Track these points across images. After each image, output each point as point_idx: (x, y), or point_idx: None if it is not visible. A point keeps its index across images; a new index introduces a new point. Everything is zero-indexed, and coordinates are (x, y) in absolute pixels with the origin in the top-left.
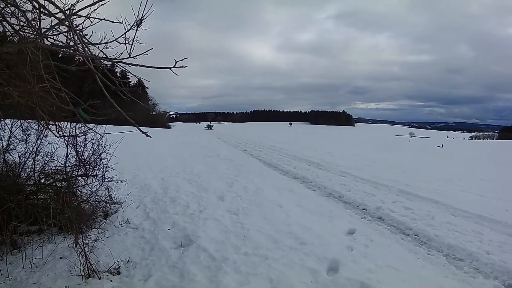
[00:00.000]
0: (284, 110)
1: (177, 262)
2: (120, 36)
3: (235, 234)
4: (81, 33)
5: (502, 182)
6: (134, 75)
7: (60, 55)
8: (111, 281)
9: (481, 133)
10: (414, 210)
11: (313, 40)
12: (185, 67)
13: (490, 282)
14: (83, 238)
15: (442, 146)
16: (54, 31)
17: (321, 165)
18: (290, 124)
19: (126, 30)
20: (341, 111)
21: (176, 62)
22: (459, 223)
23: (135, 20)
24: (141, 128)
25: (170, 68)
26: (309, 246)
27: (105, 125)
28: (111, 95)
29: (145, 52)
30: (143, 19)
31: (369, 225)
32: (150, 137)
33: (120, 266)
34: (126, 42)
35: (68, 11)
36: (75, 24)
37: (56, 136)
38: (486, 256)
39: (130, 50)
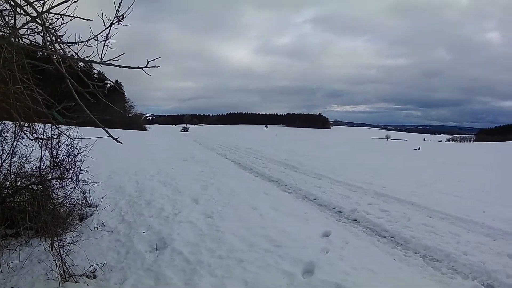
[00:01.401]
0: (260, 113)
1: (152, 266)
2: (98, 34)
3: (210, 237)
4: (56, 33)
5: (479, 183)
6: (108, 79)
7: (38, 56)
8: (87, 284)
9: (458, 135)
10: (390, 212)
11: (291, 44)
12: (157, 67)
13: (469, 283)
14: (59, 241)
15: (419, 149)
16: (30, 31)
17: (296, 168)
18: (266, 126)
19: (105, 27)
20: (317, 114)
21: (148, 62)
22: (436, 224)
23: (114, 17)
24: (118, 130)
25: (142, 68)
26: (284, 249)
27: (80, 127)
28: (86, 97)
29: (119, 55)
30: (122, 17)
31: (345, 227)
32: (121, 143)
33: (96, 270)
34: (104, 40)
35: (41, 8)
36: (49, 23)
37: (29, 138)
38: (464, 257)
39: (102, 53)
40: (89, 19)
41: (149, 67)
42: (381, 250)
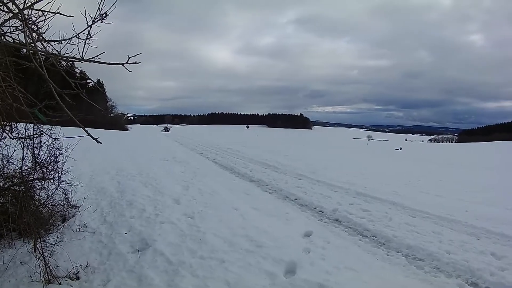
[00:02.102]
0: (242, 113)
1: (135, 267)
2: (81, 32)
3: (191, 237)
4: (38, 30)
5: (461, 183)
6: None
7: (21, 54)
8: (71, 286)
9: (440, 136)
10: (372, 212)
11: (273, 44)
12: (138, 63)
13: (453, 281)
14: (42, 243)
15: (401, 149)
16: (13, 29)
17: (277, 168)
18: (247, 127)
19: (88, 25)
20: (298, 114)
21: (129, 58)
22: (418, 223)
23: (95, 15)
24: (100, 130)
25: (122, 64)
26: (265, 249)
27: (62, 127)
28: (68, 96)
29: (100, 54)
30: (104, 15)
31: (326, 227)
32: (101, 143)
33: (79, 271)
34: (85, 38)
35: (23, 5)
36: (32, 21)
37: (10, 137)
38: (447, 255)
39: (83, 51)
40: (70, 16)
41: (129, 63)
42: (363, 249)
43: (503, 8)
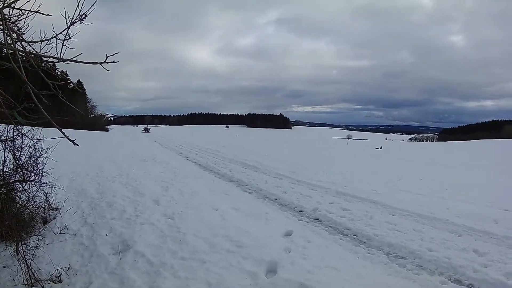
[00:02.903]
0: (221, 113)
1: (116, 268)
2: (60, 33)
3: (171, 238)
4: (19, 31)
5: (442, 181)
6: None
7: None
8: None
9: (420, 135)
10: (352, 211)
11: (253, 45)
12: (116, 62)
13: (436, 278)
14: (24, 246)
15: (381, 148)
16: None
17: (257, 168)
18: (227, 127)
19: (67, 26)
20: (278, 114)
21: (107, 57)
22: (399, 222)
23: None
24: (80, 131)
25: (100, 63)
26: (246, 249)
27: (43, 129)
28: (48, 97)
29: (78, 55)
30: (84, 15)
31: (307, 226)
32: (78, 145)
33: (61, 274)
34: (64, 39)
35: (2, 3)
36: (12, 21)
37: None
38: (429, 253)
39: (62, 52)
40: (48, 15)
41: (108, 63)
42: (344, 248)
43: (485, 10)
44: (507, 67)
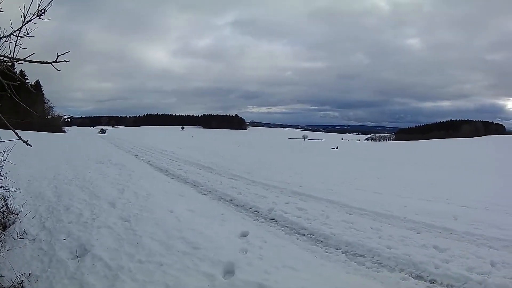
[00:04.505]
0: (177, 114)
1: (76, 273)
2: (18, 30)
3: (128, 241)
4: None
5: (399, 180)
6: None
7: None
8: None
9: (377, 135)
10: (308, 210)
11: (210, 46)
12: (67, 61)
13: (397, 275)
14: None
15: (337, 148)
16: None
17: (212, 169)
18: (183, 128)
19: (23, 22)
20: (233, 115)
21: (58, 56)
22: (356, 220)
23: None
24: (37, 132)
25: (51, 62)
26: (202, 251)
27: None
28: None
29: (30, 55)
30: (43, 11)
31: (263, 226)
32: (31, 145)
33: (23, 281)
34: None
35: None
36: None
37: None
38: (388, 250)
39: (14, 50)
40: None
41: (58, 62)
42: (301, 248)
43: (442, 14)
44: (462, 69)
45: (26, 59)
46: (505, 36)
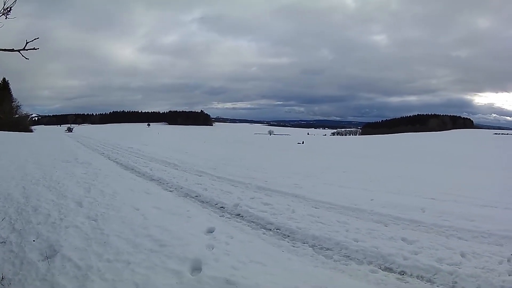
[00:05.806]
0: (143, 111)
1: (46, 275)
2: None
3: (96, 240)
4: None
5: (365, 173)
6: None
7: None
8: None
9: (343, 129)
10: (274, 205)
11: (176, 42)
12: (36, 49)
13: (365, 268)
14: None
15: (303, 143)
16: None
17: (177, 166)
18: (149, 125)
19: None
20: (199, 111)
21: (26, 44)
22: (322, 214)
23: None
24: (3, 132)
25: (19, 50)
26: (169, 248)
27: None
28: None
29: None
30: (9, 9)
31: (228, 222)
32: None
33: None
34: None
35: None
36: None
37: None
38: (355, 243)
39: None
40: None
41: (27, 49)
42: (268, 242)
43: (408, 12)
44: (428, 65)
45: None
46: (469, 33)
